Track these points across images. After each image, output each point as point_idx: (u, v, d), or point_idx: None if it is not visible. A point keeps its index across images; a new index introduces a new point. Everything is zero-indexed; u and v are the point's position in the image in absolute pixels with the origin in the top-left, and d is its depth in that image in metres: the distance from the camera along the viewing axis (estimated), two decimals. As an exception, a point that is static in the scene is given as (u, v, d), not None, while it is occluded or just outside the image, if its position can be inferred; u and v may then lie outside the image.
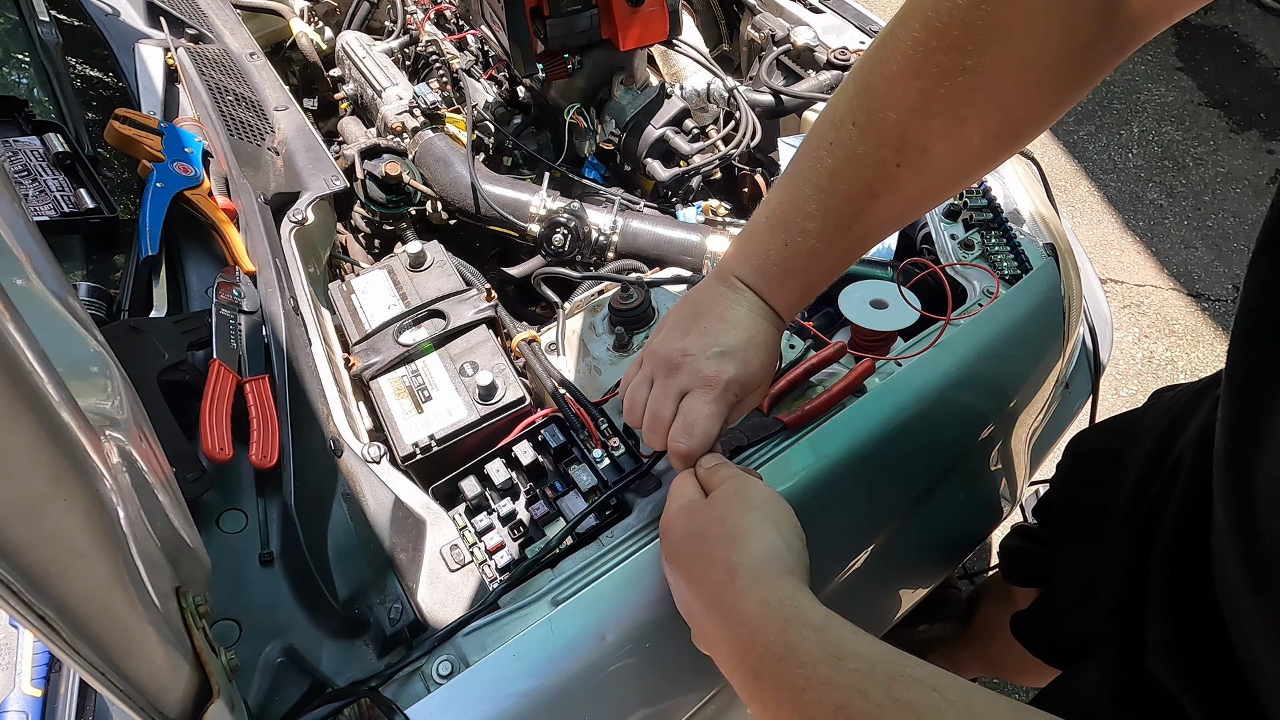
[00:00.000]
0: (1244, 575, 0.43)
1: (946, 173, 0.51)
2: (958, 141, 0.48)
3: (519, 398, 0.75)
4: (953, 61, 0.45)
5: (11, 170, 0.80)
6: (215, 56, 1.06)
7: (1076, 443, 0.86)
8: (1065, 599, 0.76)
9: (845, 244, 0.55)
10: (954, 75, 0.45)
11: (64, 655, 0.31)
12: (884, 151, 0.49)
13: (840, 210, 0.52)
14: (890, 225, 0.55)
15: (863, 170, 0.50)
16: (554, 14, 0.99)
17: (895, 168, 0.49)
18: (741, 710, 0.70)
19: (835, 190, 0.52)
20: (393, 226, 1.08)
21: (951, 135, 0.48)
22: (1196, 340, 2.04)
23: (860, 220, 0.53)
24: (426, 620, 0.60)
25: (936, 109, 0.47)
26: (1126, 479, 0.68)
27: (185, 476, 0.61)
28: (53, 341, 0.35)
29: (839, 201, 0.52)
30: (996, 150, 0.51)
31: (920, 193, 0.52)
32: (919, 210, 0.55)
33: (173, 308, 0.78)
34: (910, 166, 0.49)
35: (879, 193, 0.51)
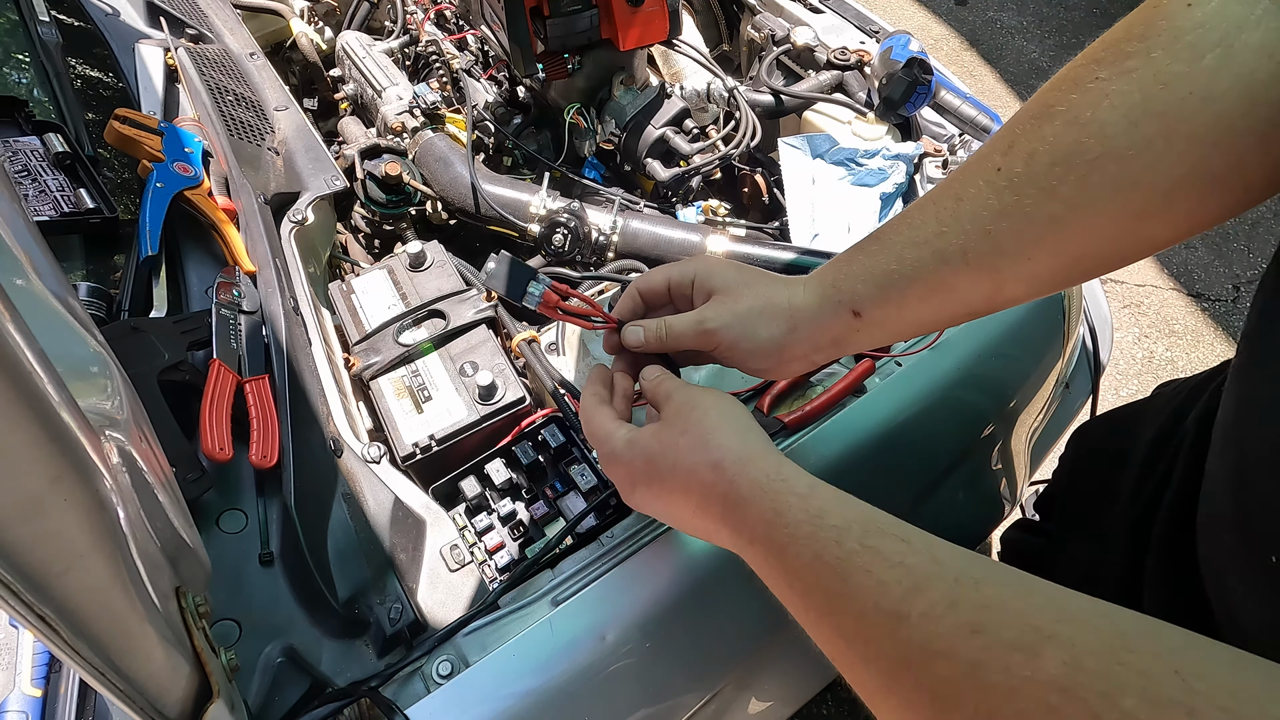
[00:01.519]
0: (1235, 542, 0.44)
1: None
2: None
3: (519, 398, 0.75)
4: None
5: (11, 170, 0.80)
6: (215, 56, 1.06)
7: (1079, 435, 0.86)
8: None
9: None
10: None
11: (64, 655, 0.31)
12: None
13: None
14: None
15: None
16: (554, 14, 0.99)
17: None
18: (741, 711, 0.70)
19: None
20: (393, 226, 1.09)
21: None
22: (1196, 340, 2.05)
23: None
24: (426, 620, 0.60)
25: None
26: (1129, 469, 0.69)
27: (185, 476, 0.61)
28: (53, 341, 0.35)
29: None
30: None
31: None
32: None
33: (173, 308, 0.78)
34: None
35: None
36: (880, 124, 1.05)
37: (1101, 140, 0.41)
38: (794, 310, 0.53)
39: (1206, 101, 0.38)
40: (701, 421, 0.48)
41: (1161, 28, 0.40)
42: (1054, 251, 0.45)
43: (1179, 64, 0.39)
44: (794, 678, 0.74)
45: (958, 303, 0.49)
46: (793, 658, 0.71)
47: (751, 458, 0.45)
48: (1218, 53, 0.38)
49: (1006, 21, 3.00)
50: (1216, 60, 0.38)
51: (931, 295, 0.48)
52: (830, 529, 0.40)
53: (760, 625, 0.65)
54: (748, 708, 0.70)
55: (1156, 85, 0.39)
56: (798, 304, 0.53)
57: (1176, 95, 0.39)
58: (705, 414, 0.49)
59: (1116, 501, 0.69)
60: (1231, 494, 0.45)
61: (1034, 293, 0.48)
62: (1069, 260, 0.45)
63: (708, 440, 0.47)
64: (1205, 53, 0.38)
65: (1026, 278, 0.46)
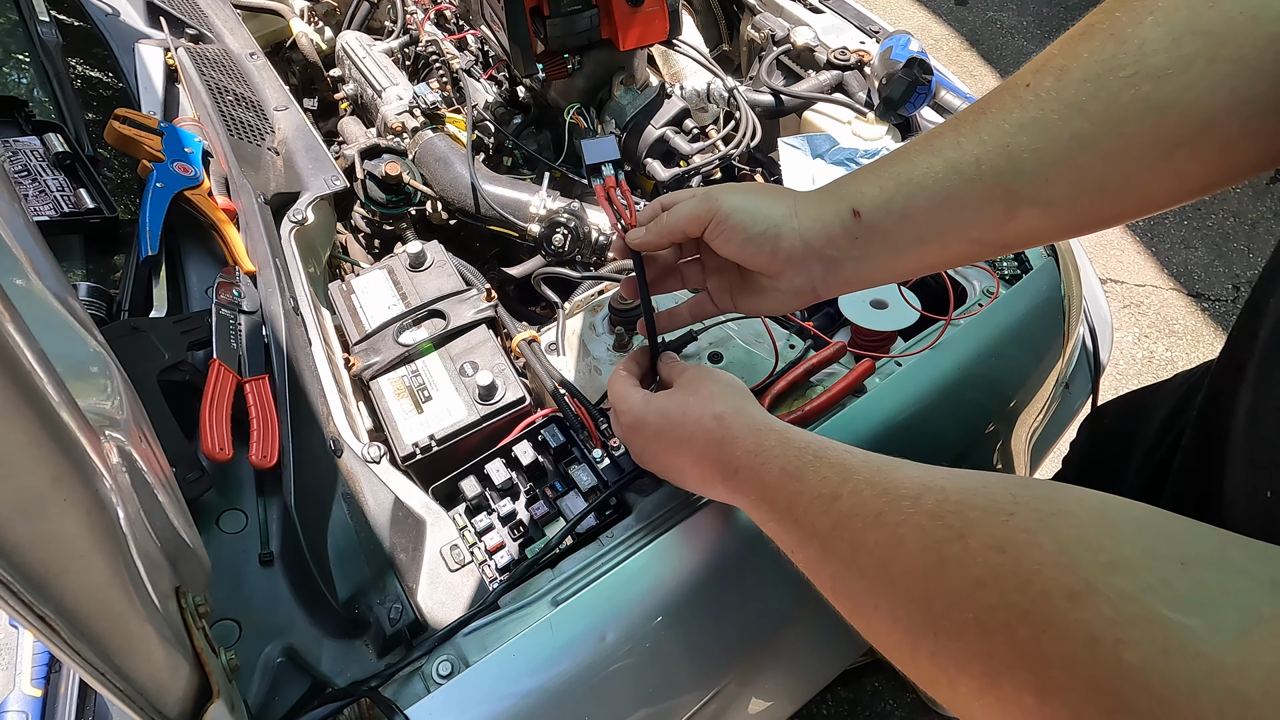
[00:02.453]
0: (1245, 479, 0.44)
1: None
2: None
3: (519, 398, 0.75)
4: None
5: (11, 170, 0.80)
6: (215, 56, 1.06)
7: (1093, 419, 0.86)
8: None
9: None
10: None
11: (64, 655, 0.31)
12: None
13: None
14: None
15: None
16: (554, 14, 0.99)
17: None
18: (741, 711, 0.70)
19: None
20: (393, 226, 1.08)
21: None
22: (1196, 340, 2.05)
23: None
24: (426, 620, 0.60)
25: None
26: (1140, 444, 0.69)
27: (185, 476, 0.61)
28: (53, 341, 0.34)
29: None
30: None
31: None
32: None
33: (173, 308, 0.78)
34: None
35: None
36: (880, 124, 1.05)
37: (1139, 57, 0.39)
38: (796, 205, 0.52)
39: (1257, 23, 0.36)
40: (710, 386, 0.55)
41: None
42: (1074, 176, 0.42)
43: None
44: (794, 677, 0.74)
45: (965, 221, 0.46)
46: (793, 657, 0.71)
47: (746, 411, 0.52)
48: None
49: (1006, 21, 3.00)
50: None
51: (937, 207, 0.46)
52: (795, 450, 0.46)
53: (760, 625, 0.65)
54: (748, 707, 0.70)
55: (1204, 2, 0.37)
56: (800, 201, 0.53)
57: (1225, 14, 0.37)
58: (713, 381, 0.56)
59: (1128, 473, 0.69)
60: (1245, 433, 0.44)
61: (1050, 228, 0.45)
62: (1090, 190, 0.42)
63: (713, 398, 0.54)
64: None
65: (1042, 203, 0.43)
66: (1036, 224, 0.45)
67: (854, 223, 0.49)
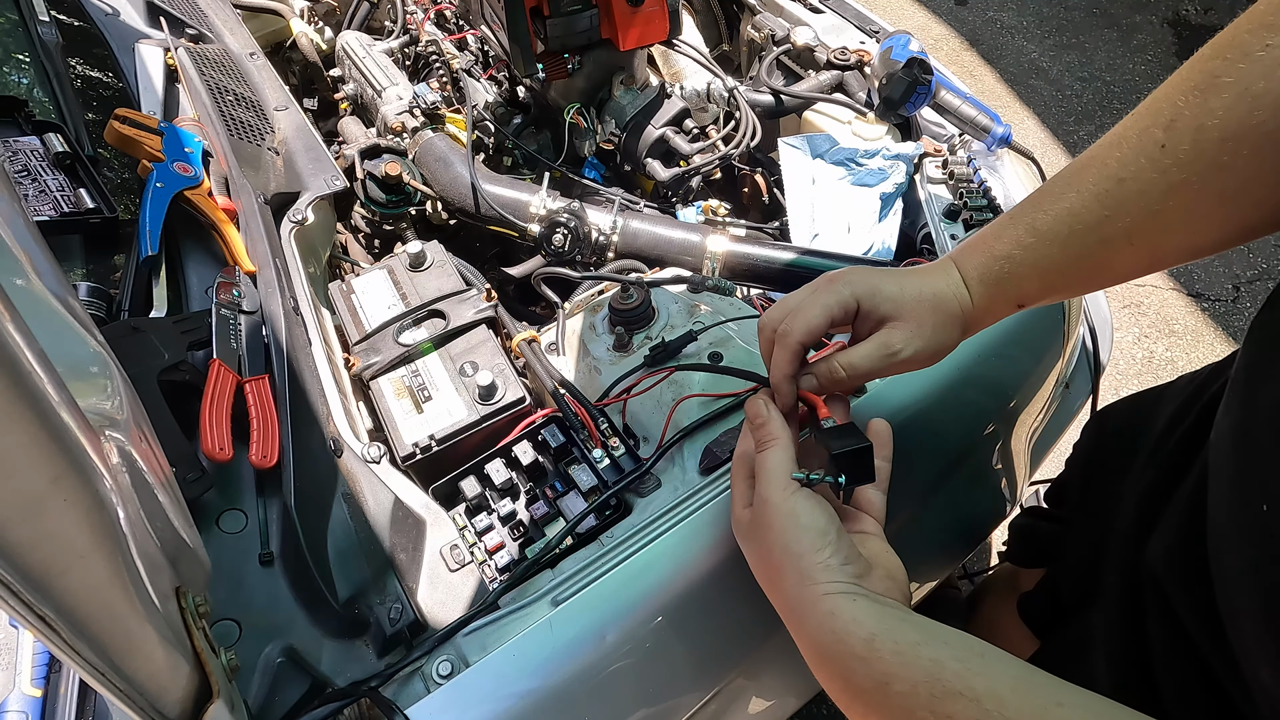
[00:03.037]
0: (1232, 494, 0.45)
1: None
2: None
3: (519, 398, 0.75)
4: None
5: (11, 170, 0.80)
6: (215, 56, 1.06)
7: (1098, 420, 0.86)
8: (1075, 565, 0.77)
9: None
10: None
11: (64, 655, 0.31)
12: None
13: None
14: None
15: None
16: (554, 14, 0.99)
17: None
18: (741, 711, 0.70)
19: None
20: (393, 226, 1.08)
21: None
22: (1196, 340, 2.04)
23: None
24: (426, 620, 0.60)
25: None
26: (1144, 445, 0.69)
27: (185, 476, 0.61)
28: (53, 341, 0.35)
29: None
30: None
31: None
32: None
33: (173, 308, 0.78)
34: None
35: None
36: (880, 124, 1.04)
37: (1277, 114, 0.39)
38: (966, 314, 0.54)
39: None
40: (769, 554, 0.49)
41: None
42: (1220, 226, 0.44)
43: None
44: (794, 677, 0.74)
45: (1112, 277, 0.50)
46: (793, 657, 0.71)
47: (807, 610, 0.46)
48: None
49: (1006, 21, 3.00)
50: None
51: (1091, 277, 0.50)
52: (897, 695, 0.40)
53: (760, 625, 0.65)
54: (748, 707, 0.70)
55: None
56: (967, 307, 0.53)
57: None
58: (772, 545, 0.49)
59: (1131, 477, 0.69)
60: (1234, 446, 0.45)
61: (1189, 258, 0.48)
62: (1234, 233, 0.45)
63: (773, 581, 0.50)
64: None
65: (1188, 250, 0.46)
66: (1177, 259, 0.48)
67: (1017, 309, 0.54)
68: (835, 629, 0.44)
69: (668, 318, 0.82)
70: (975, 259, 0.53)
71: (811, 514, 0.48)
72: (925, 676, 0.40)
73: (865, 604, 0.45)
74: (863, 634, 0.43)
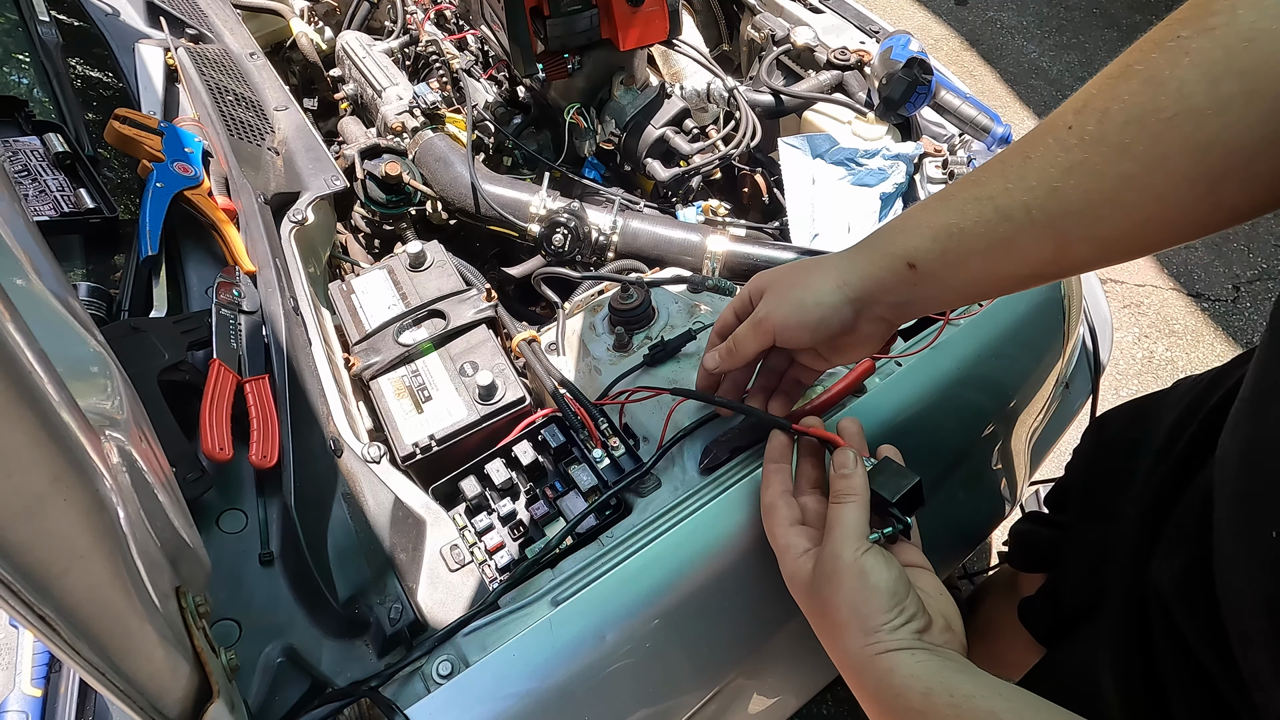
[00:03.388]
0: (1239, 515, 0.45)
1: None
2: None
3: (519, 398, 0.75)
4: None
5: (11, 170, 0.80)
6: (215, 56, 1.06)
7: (1098, 425, 0.86)
8: (1076, 573, 0.77)
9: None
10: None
11: (64, 655, 0.31)
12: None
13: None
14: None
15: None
16: (554, 14, 0.99)
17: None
18: (741, 711, 0.70)
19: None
20: (393, 226, 1.09)
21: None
22: (1196, 340, 2.05)
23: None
24: (426, 620, 0.60)
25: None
26: (1145, 456, 0.69)
27: (185, 476, 0.61)
28: (53, 341, 0.35)
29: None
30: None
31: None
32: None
33: (173, 308, 0.78)
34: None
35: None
36: (880, 124, 1.05)
37: (1179, 99, 0.40)
38: (843, 274, 0.53)
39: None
40: (837, 610, 0.50)
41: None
42: (1124, 213, 0.43)
43: (1266, 20, 0.37)
44: (794, 677, 0.74)
45: (1019, 262, 0.48)
46: (793, 657, 0.71)
47: (866, 666, 0.47)
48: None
49: (1006, 21, 3.00)
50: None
51: (991, 252, 0.48)
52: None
53: (760, 625, 0.65)
54: (748, 707, 0.70)
55: (1240, 42, 0.38)
56: (846, 266, 0.54)
57: (1261, 53, 0.38)
58: (841, 601, 0.49)
59: (1132, 484, 0.69)
60: (1240, 467, 0.45)
61: (1100, 258, 0.47)
62: (1139, 224, 0.44)
63: (835, 636, 0.50)
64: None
65: (1093, 239, 0.45)
66: (1088, 256, 0.46)
67: (910, 273, 0.51)
68: (894, 684, 0.45)
69: (668, 318, 0.82)
70: (875, 230, 0.55)
71: (882, 574, 0.49)
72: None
73: (924, 657, 0.46)
74: (920, 689, 0.44)
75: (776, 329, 0.56)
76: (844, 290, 0.53)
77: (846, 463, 0.55)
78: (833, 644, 0.51)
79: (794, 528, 0.55)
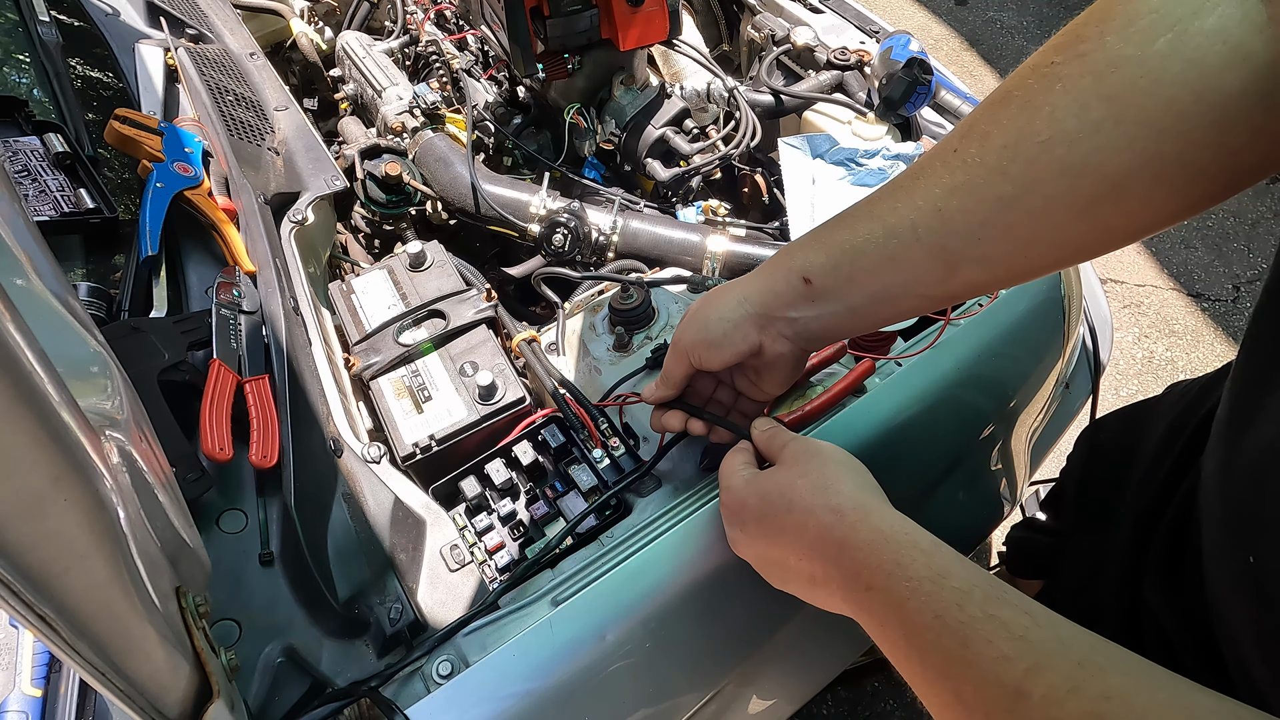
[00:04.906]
0: (1221, 536, 0.45)
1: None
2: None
3: (519, 398, 0.75)
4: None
5: (11, 170, 0.80)
6: (215, 56, 1.06)
7: (1091, 432, 0.86)
8: (1072, 582, 0.77)
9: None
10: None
11: (64, 655, 0.31)
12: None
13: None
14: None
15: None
16: (554, 14, 0.99)
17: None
18: (741, 711, 0.70)
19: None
20: (393, 226, 1.09)
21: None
22: (1196, 340, 2.04)
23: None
24: (426, 620, 0.60)
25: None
26: (1138, 463, 0.69)
27: (185, 476, 0.61)
28: (53, 341, 0.34)
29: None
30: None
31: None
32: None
33: (173, 308, 0.78)
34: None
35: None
36: (880, 124, 1.05)
37: (1051, 123, 0.41)
38: (744, 290, 0.55)
39: (1157, 85, 0.38)
40: (822, 468, 0.49)
41: (1117, 13, 0.40)
42: (1004, 234, 0.44)
43: (1130, 48, 0.38)
44: (794, 677, 0.74)
45: (909, 280, 0.48)
46: (793, 657, 0.71)
47: (873, 508, 0.46)
48: (1169, 37, 0.37)
49: (1006, 21, 3.00)
50: (1168, 45, 0.37)
51: (880, 269, 0.49)
52: (953, 590, 0.39)
53: (760, 625, 0.65)
54: (748, 707, 0.70)
55: (1107, 69, 0.39)
56: (747, 283, 0.55)
57: (1126, 79, 0.39)
58: (825, 461, 0.50)
59: (1123, 493, 0.69)
60: (1220, 491, 0.46)
61: (992, 280, 0.48)
62: (1021, 245, 0.45)
63: (827, 485, 0.48)
64: (1157, 37, 0.38)
65: (978, 259, 0.46)
66: (977, 277, 0.47)
67: (806, 288, 0.52)
68: (889, 534, 0.44)
69: (668, 318, 0.82)
70: (780, 250, 0.56)
71: (834, 450, 0.50)
72: (981, 580, 0.40)
73: (910, 521, 0.45)
74: (925, 545, 0.43)
75: (688, 349, 0.56)
76: (744, 305, 0.54)
77: (767, 423, 0.57)
78: (798, 535, 0.48)
79: (741, 454, 0.56)
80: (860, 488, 0.48)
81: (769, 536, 0.51)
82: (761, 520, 0.51)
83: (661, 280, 0.86)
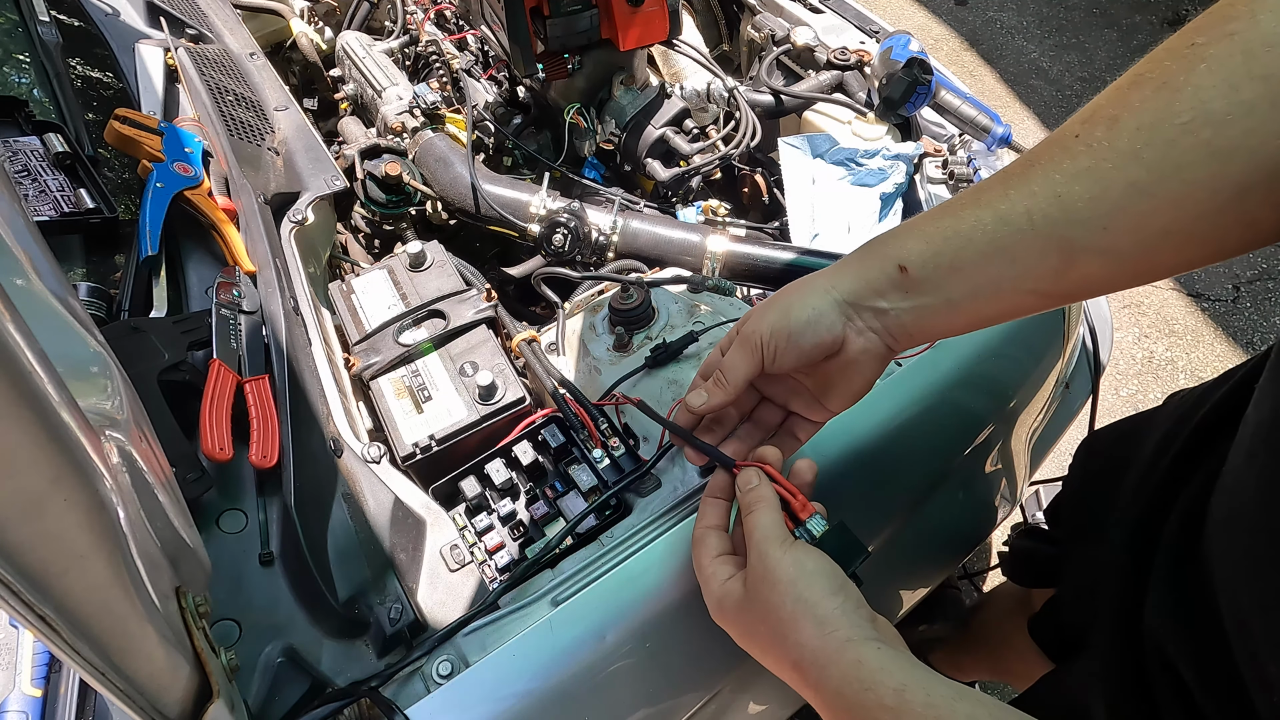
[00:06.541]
0: (1256, 546, 0.42)
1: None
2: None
3: (519, 398, 0.75)
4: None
5: (11, 170, 0.80)
6: (215, 56, 1.06)
7: (1089, 442, 0.86)
8: (1073, 596, 0.77)
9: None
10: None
11: (64, 655, 0.31)
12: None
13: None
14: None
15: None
16: (554, 14, 0.99)
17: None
18: (741, 711, 0.70)
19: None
20: (393, 226, 1.09)
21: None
22: (1196, 340, 2.04)
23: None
24: (426, 620, 0.60)
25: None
26: (1133, 473, 0.69)
27: (185, 476, 0.61)
28: (53, 341, 0.34)
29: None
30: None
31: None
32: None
33: (173, 308, 0.78)
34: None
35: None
36: (880, 124, 1.04)
37: (1195, 104, 0.37)
38: (832, 279, 0.49)
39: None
40: (779, 609, 0.46)
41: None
42: (1136, 224, 0.40)
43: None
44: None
45: (1019, 273, 0.44)
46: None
47: (830, 659, 0.44)
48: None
49: (1006, 21, 3.00)
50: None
51: (987, 259, 0.44)
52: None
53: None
54: (747, 708, 0.70)
55: (1262, 48, 0.36)
56: (835, 272, 0.50)
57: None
58: (783, 598, 0.46)
59: (1120, 505, 0.69)
60: (1259, 499, 0.42)
61: (1111, 276, 0.43)
62: (1154, 236, 0.40)
63: (785, 636, 0.46)
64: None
65: (1103, 251, 0.41)
66: (1099, 273, 0.43)
67: (901, 277, 0.47)
68: (863, 678, 0.42)
69: (668, 318, 0.82)
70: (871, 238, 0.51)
71: (818, 561, 0.47)
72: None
73: (890, 653, 0.43)
74: (893, 684, 0.41)
75: (763, 340, 0.50)
76: (831, 293, 0.49)
77: (750, 480, 0.52)
78: (782, 649, 0.46)
79: (720, 557, 0.52)
80: (819, 625, 0.45)
81: (751, 648, 0.50)
82: (744, 637, 0.50)
83: (661, 280, 0.86)
